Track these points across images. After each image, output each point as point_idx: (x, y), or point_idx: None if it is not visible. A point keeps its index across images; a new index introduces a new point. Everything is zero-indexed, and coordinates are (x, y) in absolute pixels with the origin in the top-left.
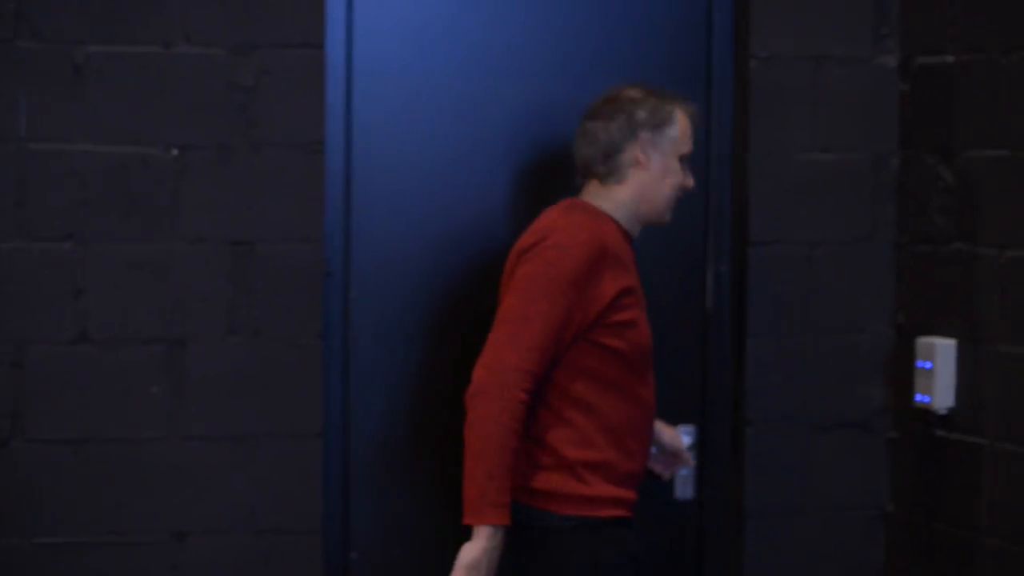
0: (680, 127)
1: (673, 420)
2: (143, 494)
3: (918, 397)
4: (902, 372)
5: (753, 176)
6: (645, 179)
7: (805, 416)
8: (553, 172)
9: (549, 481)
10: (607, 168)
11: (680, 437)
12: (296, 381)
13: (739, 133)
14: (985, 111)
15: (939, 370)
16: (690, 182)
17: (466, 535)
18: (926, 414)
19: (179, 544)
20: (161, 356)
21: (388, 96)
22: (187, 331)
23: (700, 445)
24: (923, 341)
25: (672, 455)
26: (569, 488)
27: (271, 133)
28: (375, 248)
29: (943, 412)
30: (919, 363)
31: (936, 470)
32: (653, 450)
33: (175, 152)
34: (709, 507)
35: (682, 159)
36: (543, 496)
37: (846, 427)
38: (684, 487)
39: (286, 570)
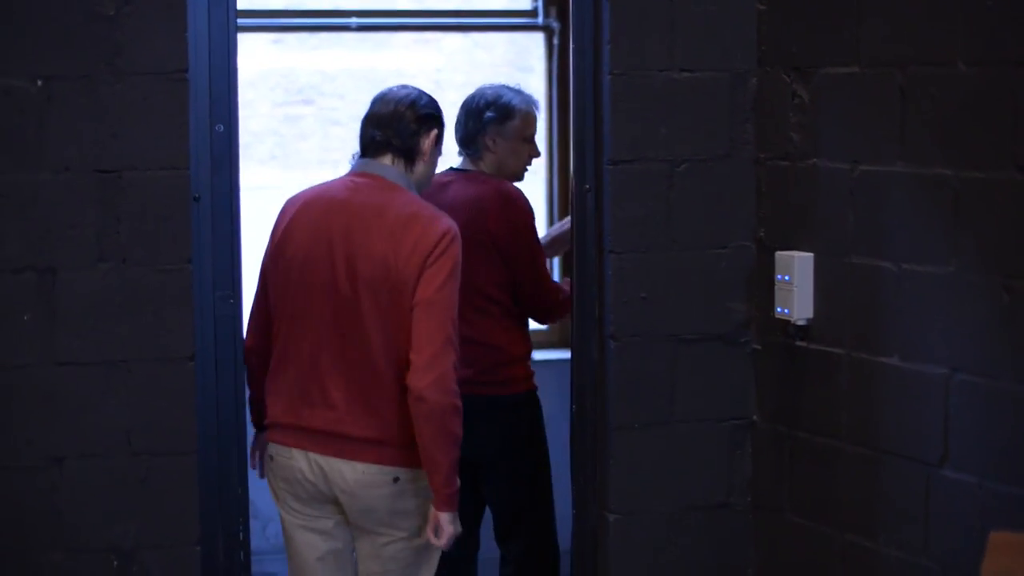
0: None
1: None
2: (19, 420)
3: (779, 309)
4: (763, 285)
5: (613, 96)
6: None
7: (669, 330)
8: None
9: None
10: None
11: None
12: (166, 306)
13: (598, 54)
14: (838, 29)
15: (797, 283)
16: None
17: None
18: (786, 325)
19: (57, 468)
20: (32, 284)
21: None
22: (57, 259)
23: (571, 363)
24: (782, 255)
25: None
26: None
27: (134, 62)
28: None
29: (802, 323)
30: (779, 276)
31: (797, 380)
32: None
33: (39, 83)
34: (578, 421)
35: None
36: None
37: (710, 340)
38: None
39: (163, 491)
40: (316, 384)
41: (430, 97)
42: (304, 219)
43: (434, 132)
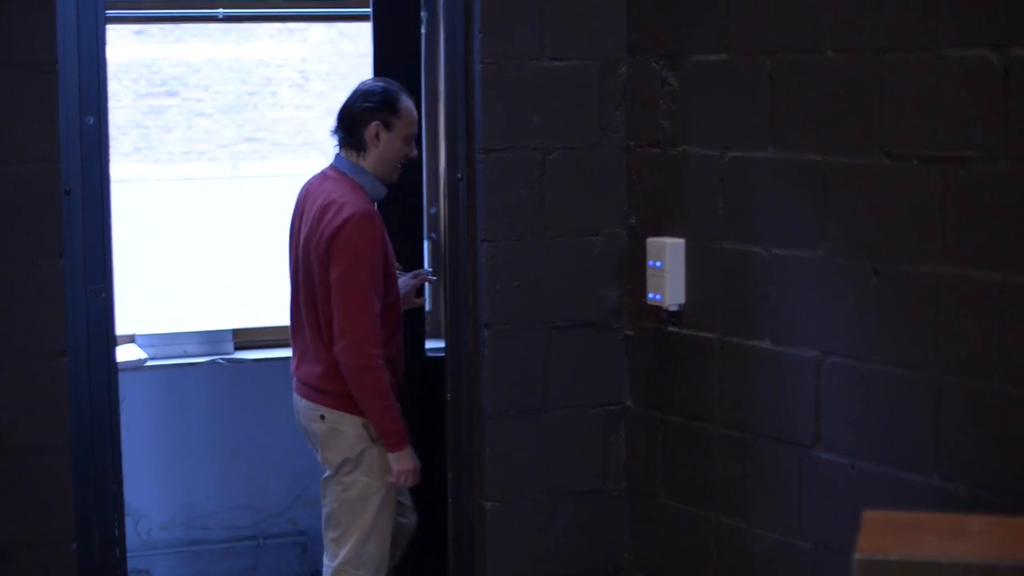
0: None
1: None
2: None
3: (651, 295)
4: (635, 272)
5: (484, 85)
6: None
7: (542, 317)
8: None
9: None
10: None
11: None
12: (38, 301)
13: (469, 43)
14: (707, 17)
15: (669, 269)
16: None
17: None
18: (658, 311)
19: None
20: None
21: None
22: None
23: (445, 352)
24: (653, 241)
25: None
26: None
27: (3, 54)
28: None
29: (674, 309)
30: (650, 263)
31: (670, 365)
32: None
33: None
34: (453, 410)
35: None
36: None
37: (583, 327)
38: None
39: (37, 488)
40: (298, 343)
41: (385, 89)
42: (295, 208)
43: (374, 123)
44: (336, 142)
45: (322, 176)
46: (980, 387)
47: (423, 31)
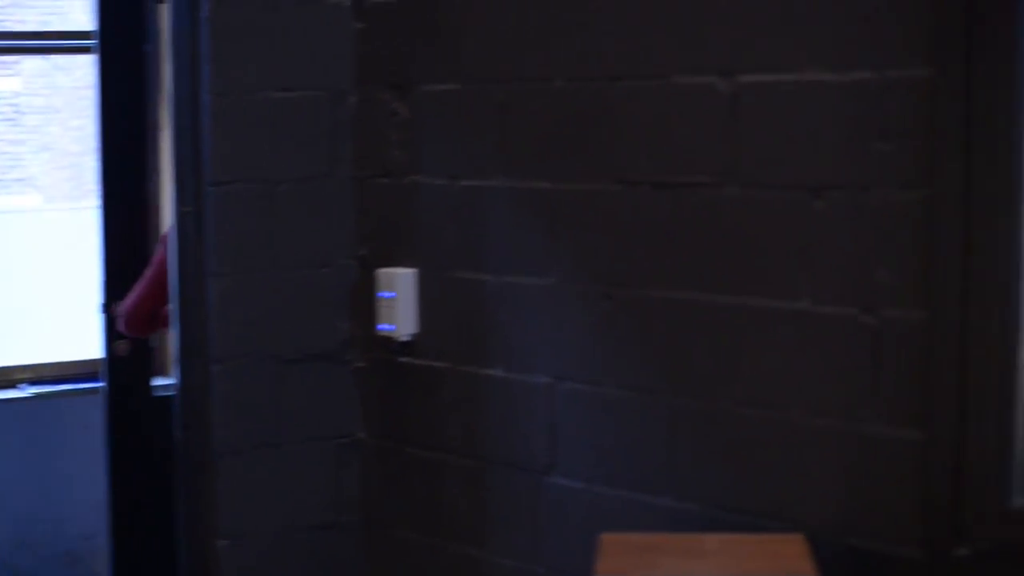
0: None
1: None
2: None
3: (381, 326)
4: (366, 303)
5: (213, 117)
6: None
7: (273, 351)
8: None
9: None
10: None
11: None
12: None
13: (196, 74)
14: (438, 46)
15: (401, 299)
16: None
17: None
18: (390, 342)
19: None
20: None
21: None
22: None
23: (175, 388)
24: (384, 272)
25: None
26: None
27: None
28: None
29: (406, 339)
30: (381, 293)
31: (403, 395)
32: None
33: None
34: (184, 448)
35: None
36: None
37: (314, 359)
38: None
39: None
40: None
41: None
42: None
43: None
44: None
45: None
46: (711, 408)
47: (148, 63)
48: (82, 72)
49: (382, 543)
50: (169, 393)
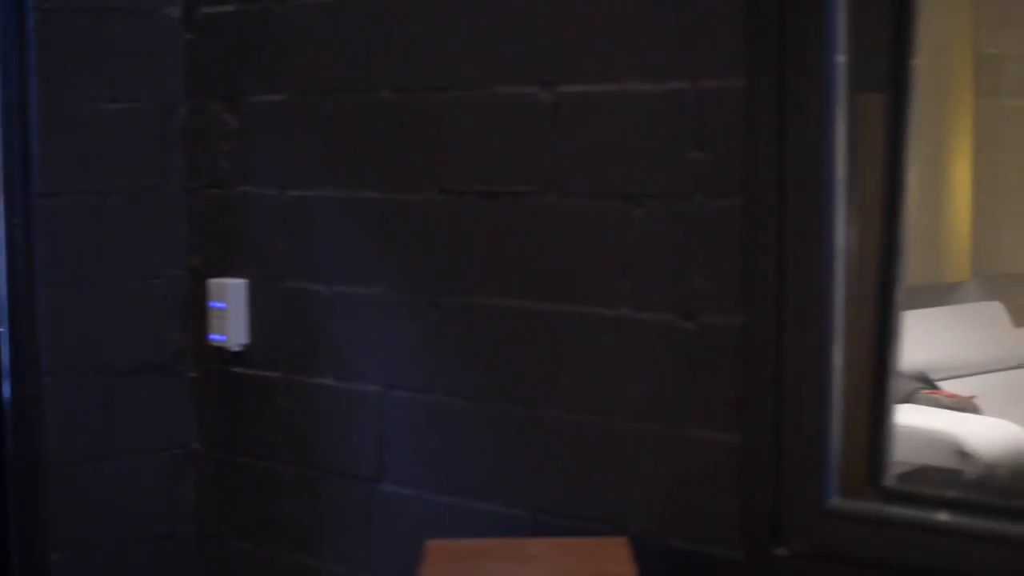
0: None
1: None
2: None
3: (213, 336)
4: (198, 314)
5: (41, 128)
6: None
7: (105, 362)
8: None
9: None
10: None
11: None
12: None
13: (23, 85)
14: (265, 57)
15: (232, 309)
16: None
17: None
18: (222, 352)
19: None
20: None
21: None
22: None
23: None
24: (215, 282)
25: None
26: None
27: None
28: None
29: (238, 349)
30: (212, 303)
31: (236, 406)
32: None
33: None
34: (15, 461)
35: None
36: None
37: (146, 370)
38: None
39: None
40: None
41: None
42: None
43: None
44: None
45: None
46: (537, 415)
47: None
48: None
49: (217, 554)
50: None
